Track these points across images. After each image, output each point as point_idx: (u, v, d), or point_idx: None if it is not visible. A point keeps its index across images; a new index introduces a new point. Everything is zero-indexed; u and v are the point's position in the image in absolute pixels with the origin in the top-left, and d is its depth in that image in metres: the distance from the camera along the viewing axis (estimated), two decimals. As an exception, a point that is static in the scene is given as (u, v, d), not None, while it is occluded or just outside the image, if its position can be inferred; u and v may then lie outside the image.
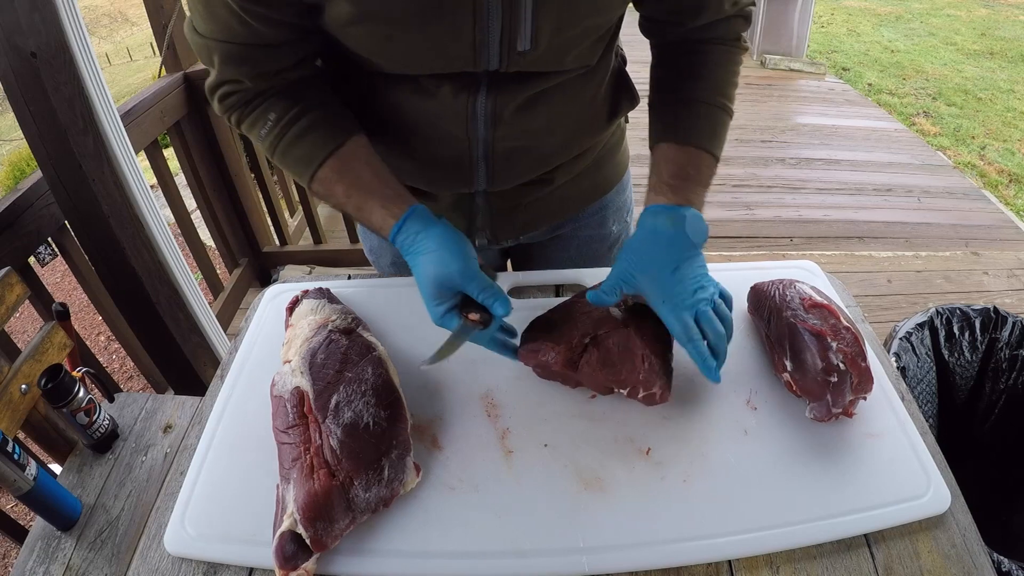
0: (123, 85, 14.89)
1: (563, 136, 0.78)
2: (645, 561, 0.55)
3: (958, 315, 1.45)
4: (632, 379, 0.64)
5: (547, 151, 0.79)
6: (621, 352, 0.65)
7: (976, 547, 0.57)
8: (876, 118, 4.55)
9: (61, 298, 3.19)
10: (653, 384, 0.64)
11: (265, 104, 0.68)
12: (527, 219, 0.88)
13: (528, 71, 0.67)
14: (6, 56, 1.20)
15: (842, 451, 0.63)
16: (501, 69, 0.65)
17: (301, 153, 0.68)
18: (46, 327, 1.11)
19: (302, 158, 0.68)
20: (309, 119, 0.68)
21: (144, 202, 1.48)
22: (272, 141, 0.68)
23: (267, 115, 0.68)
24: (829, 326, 0.65)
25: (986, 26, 7.53)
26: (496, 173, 0.77)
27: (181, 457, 0.66)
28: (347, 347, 0.68)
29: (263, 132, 0.68)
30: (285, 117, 0.68)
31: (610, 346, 0.65)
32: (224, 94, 0.68)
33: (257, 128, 0.69)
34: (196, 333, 1.70)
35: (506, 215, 0.85)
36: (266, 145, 0.69)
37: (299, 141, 0.68)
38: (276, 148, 0.69)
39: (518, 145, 0.75)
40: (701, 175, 0.71)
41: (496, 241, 0.89)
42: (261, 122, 0.68)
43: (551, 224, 0.92)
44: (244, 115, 0.69)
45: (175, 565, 0.57)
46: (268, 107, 0.68)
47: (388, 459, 0.59)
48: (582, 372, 0.66)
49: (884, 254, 2.65)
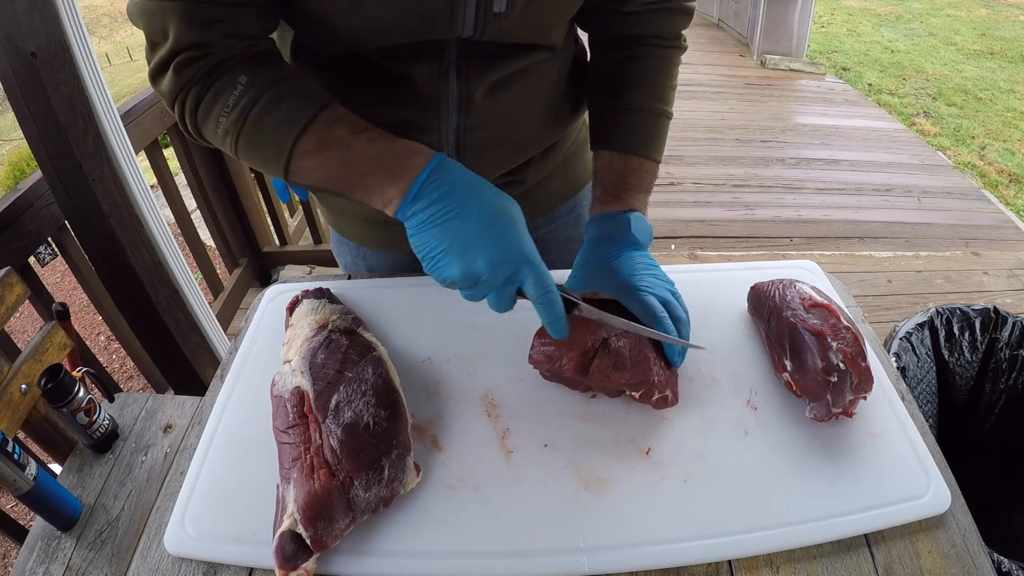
0: (123, 85, 14.89)
1: (532, 124, 0.78)
2: (645, 561, 0.55)
3: (958, 315, 1.45)
4: (647, 381, 0.63)
5: (517, 140, 0.78)
6: (634, 354, 0.64)
7: (976, 547, 0.57)
8: (876, 118, 4.55)
9: (61, 298, 3.19)
10: (666, 387, 0.64)
11: (233, 69, 0.58)
12: None
13: (500, 42, 0.66)
14: (6, 56, 1.20)
15: (842, 451, 0.62)
16: (475, 36, 0.63)
17: (283, 114, 0.58)
18: (46, 327, 1.11)
19: (285, 118, 0.58)
20: (288, 83, 0.59)
21: (144, 202, 1.48)
22: (245, 105, 0.57)
23: (237, 79, 0.58)
24: (829, 326, 0.65)
25: (986, 26, 7.53)
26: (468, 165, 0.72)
27: (181, 457, 0.66)
28: (347, 347, 0.68)
29: (232, 97, 0.57)
30: (260, 80, 0.58)
31: (622, 349, 0.65)
32: (183, 61, 0.57)
33: (224, 96, 0.58)
34: (196, 333, 1.70)
35: None
36: (235, 113, 0.58)
37: (279, 102, 0.58)
38: (249, 114, 0.57)
39: (489, 134, 0.74)
40: (643, 182, 0.74)
41: None
42: (230, 88, 0.58)
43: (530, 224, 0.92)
44: (207, 86, 0.58)
45: (175, 565, 0.57)
46: (237, 71, 0.58)
47: (388, 459, 0.59)
48: (593, 377, 0.65)
49: (884, 254, 2.65)
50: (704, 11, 7.06)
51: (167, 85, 0.59)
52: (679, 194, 3.37)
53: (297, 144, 0.58)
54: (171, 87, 0.59)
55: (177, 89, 0.59)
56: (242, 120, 0.58)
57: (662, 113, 0.76)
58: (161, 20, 0.56)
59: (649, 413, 0.66)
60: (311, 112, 0.58)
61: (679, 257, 2.73)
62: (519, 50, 0.69)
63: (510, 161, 0.80)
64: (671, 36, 0.75)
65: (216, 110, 0.58)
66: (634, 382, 0.63)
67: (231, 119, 0.58)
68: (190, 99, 0.59)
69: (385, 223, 0.85)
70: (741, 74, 5.31)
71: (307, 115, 0.58)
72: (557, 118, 0.81)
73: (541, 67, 0.73)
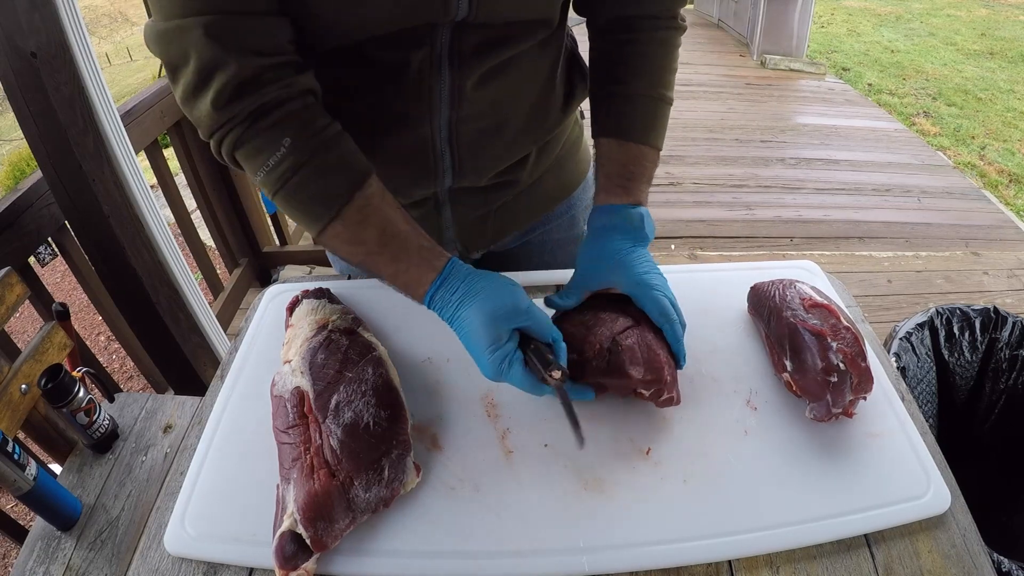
0: (123, 85, 14.89)
1: (524, 117, 0.78)
2: (645, 561, 0.55)
3: (958, 315, 1.45)
4: (660, 379, 0.63)
5: (510, 134, 0.77)
6: (644, 349, 0.64)
7: (976, 547, 0.57)
8: (876, 118, 4.55)
9: (61, 298, 3.19)
10: (675, 385, 0.64)
11: (278, 126, 0.58)
12: (498, 226, 0.88)
13: (495, 23, 0.66)
14: (6, 56, 1.20)
15: (842, 451, 0.63)
16: (470, 17, 0.63)
17: (320, 191, 0.60)
18: (46, 327, 1.11)
19: (322, 195, 0.60)
20: (328, 154, 0.60)
21: (144, 202, 1.48)
22: (285, 171, 0.59)
23: (281, 141, 0.58)
24: (829, 326, 0.65)
25: (986, 26, 7.53)
26: (462, 161, 0.75)
27: (181, 457, 0.66)
28: (347, 347, 0.68)
29: (274, 159, 0.58)
30: (302, 147, 0.58)
31: (632, 346, 0.64)
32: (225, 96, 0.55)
33: (266, 154, 0.59)
34: (196, 333, 1.70)
35: (476, 224, 0.85)
36: (275, 175, 0.59)
37: (318, 178, 0.60)
38: (288, 181, 0.59)
39: (481, 127, 0.74)
40: (645, 171, 0.74)
41: (468, 252, 0.89)
42: (272, 148, 0.58)
43: (523, 228, 0.92)
44: (248, 135, 0.58)
45: (175, 565, 0.57)
46: (281, 130, 0.58)
47: (388, 459, 0.59)
48: (611, 379, 0.64)
49: (884, 254, 2.65)
50: (704, 11, 7.06)
51: (205, 116, 0.58)
52: (679, 194, 3.37)
53: (328, 228, 0.62)
54: (210, 120, 0.58)
55: (216, 126, 0.58)
56: (281, 184, 0.60)
57: (662, 99, 0.75)
58: (181, 41, 0.55)
59: (649, 413, 0.66)
60: (345, 197, 0.61)
61: (679, 257, 2.73)
62: (511, 36, 0.68)
63: (504, 157, 0.79)
64: (668, 16, 0.74)
65: (257, 162, 0.59)
66: (649, 379, 0.63)
67: (271, 178, 0.59)
68: (228, 140, 0.59)
69: None
70: (741, 74, 5.31)
71: (341, 200, 0.61)
72: (548, 112, 0.81)
73: (532, 58, 0.73)
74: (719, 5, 6.70)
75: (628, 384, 0.64)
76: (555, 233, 0.95)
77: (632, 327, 0.66)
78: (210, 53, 0.54)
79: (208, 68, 0.55)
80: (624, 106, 0.75)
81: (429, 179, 0.77)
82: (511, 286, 0.62)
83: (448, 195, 0.81)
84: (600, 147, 0.76)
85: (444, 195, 0.81)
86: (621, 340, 0.65)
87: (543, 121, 0.81)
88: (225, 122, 0.57)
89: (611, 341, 0.65)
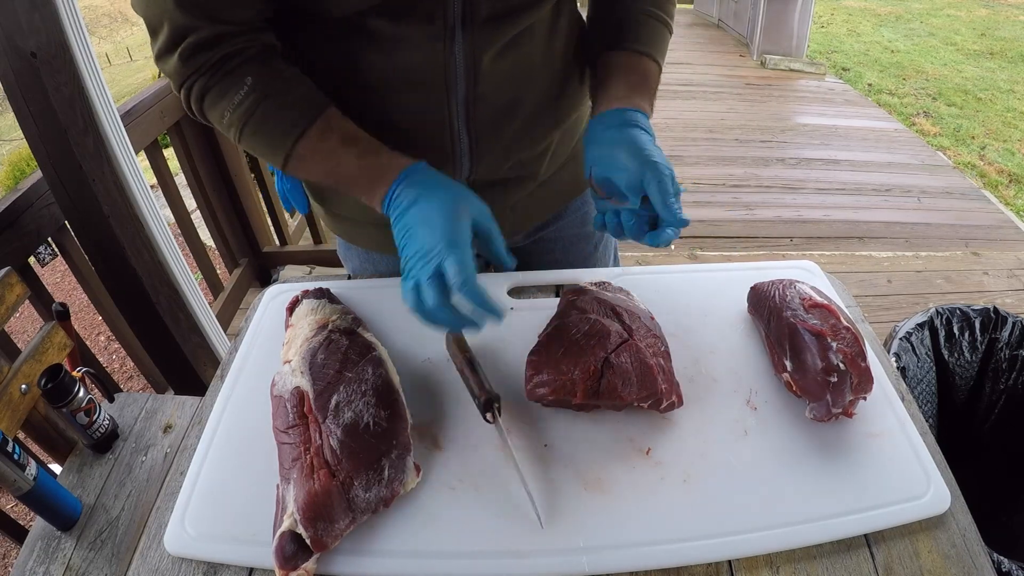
0: (123, 85, 14.89)
1: (541, 95, 0.77)
2: (645, 561, 0.55)
3: (958, 315, 1.45)
4: (655, 392, 0.62)
5: (528, 113, 0.76)
6: (637, 367, 0.63)
7: (976, 547, 0.57)
8: (876, 118, 4.55)
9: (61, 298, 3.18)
10: (672, 392, 0.64)
11: (240, 68, 0.63)
12: (515, 219, 0.87)
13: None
14: (6, 56, 1.20)
15: (842, 451, 0.63)
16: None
17: (281, 120, 0.64)
18: (46, 327, 1.11)
19: (282, 126, 0.64)
20: (289, 87, 0.65)
21: (144, 202, 1.48)
22: (249, 106, 0.63)
23: (243, 80, 0.63)
24: (829, 326, 0.65)
25: (986, 26, 7.53)
26: (480, 142, 0.74)
27: (181, 457, 0.66)
28: (347, 347, 0.68)
29: (238, 96, 0.63)
30: (263, 82, 0.63)
31: (624, 364, 0.63)
32: (189, 49, 0.61)
33: (230, 95, 0.63)
34: (196, 333, 1.70)
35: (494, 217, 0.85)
36: (240, 111, 0.63)
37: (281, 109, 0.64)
38: (252, 115, 0.63)
39: (499, 104, 0.73)
40: (650, 83, 0.73)
41: None
42: (236, 88, 0.63)
43: (538, 222, 0.91)
44: (213, 80, 0.63)
45: (175, 565, 0.57)
46: (243, 71, 0.63)
47: (388, 459, 0.59)
48: (603, 398, 0.64)
49: (884, 254, 2.65)
50: (704, 11, 7.05)
51: (173, 69, 0.63)
52: (679, 194, 3.37)
53: (294, 149, 0.65)
54: (177, 73, 0.63)
55: (183, 77, 0.63)
56: (246, 118, 0.64)
57: (664, 23, 0.75)
58: (157, 7, 0.60)
59: (649, 413, 0.66)
60: (307, 120, 0.64)
61: (679, 257, 2.73)
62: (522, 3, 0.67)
63: (522, 140, 0.78)
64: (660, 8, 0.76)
65: (222, 105, 0.64)
66: (643, 395, 0.63)
67: (236, 115, 0.64)
68: (196, 88, 0.63)
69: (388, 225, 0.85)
70: (741, 74, 5.31)
71: (303, 123, 0.64)
72: (565, 92, 0.80)
73: (545, 31, 0.72)
74: (719, 5, 6.70)
75: (624, 403, 0.64)
76: (566, 230, 0.94)
77: (624, 344, 0.65)
78: (182, 20, 0.60)
79: (179, 32, 0.61)
80: (629, 20, 0.74)
81: (447, 166, 0.75)
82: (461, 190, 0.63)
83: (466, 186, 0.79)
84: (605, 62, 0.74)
85: None
86: (612, 360, 0.64)
87: (560, 101, 0.80)
88: (192, 72, 0.62)
89: (602, 362, 0.64)
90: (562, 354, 0.65)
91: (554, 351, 0.66)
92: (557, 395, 0.63)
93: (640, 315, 0.71)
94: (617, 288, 0.77)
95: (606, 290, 0.76)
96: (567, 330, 0.68)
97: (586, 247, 0.97)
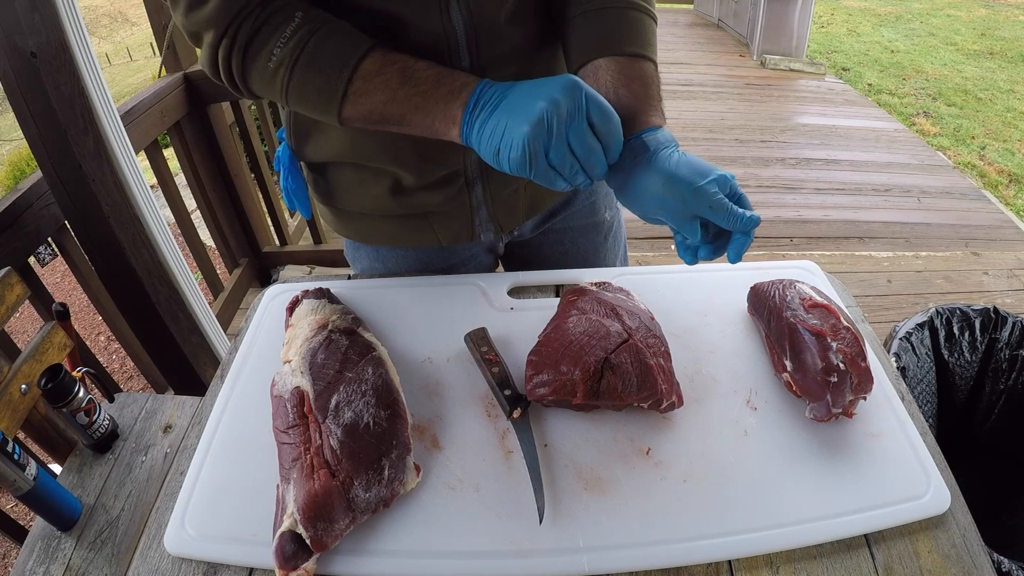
0: (123, 85, 14.89)
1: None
2: (645, 561, 0.55)
3: (958, 315, 1.45)
4: (655, 393, 0.62)
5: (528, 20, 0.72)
6: (637, 368, 0.63)
7: (976, 547, 0.57)
8: (876, 118, 4.55)
9: (61, 298, 3.19)
10: (672, 392, 0.64)
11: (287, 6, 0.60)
12: (529, 200, 0.86)
13: None
14: (6, 56, 1.20)
15: (842, 451, 0.63)
16: None
17: (340, 46, 0.60)
18: (46, 327, 1.11)
19: (342, 49, 0.60)
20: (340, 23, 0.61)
21: (144, 202, 1.48)
22: (303, 36, 0.59)
23: (293, 14, 0.59)
24: (829, 326, 0.65)
25: (986, 26, 7.53)
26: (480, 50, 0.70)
27: (181, 457, 0.66)
28: (347, 347, 0.68)
29: (289, 29, 0.59)
30: (316, 16, 0.60)
31: (624, 364, 0.63)
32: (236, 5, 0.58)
33: (280, 28, 0.59)
34: (196, 333, 1.70)
35: (510, 198, 0.83)
36: (292, 43, 0.59)
37: (334, 36, 0.60)
38: (307, 43, 0.59)
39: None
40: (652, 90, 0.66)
41: (503, 230, 0.87)
42: (286, 22, 0.59)
43: (554, 202, 0.90)
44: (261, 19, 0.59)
45: (175, 565, 0.57)
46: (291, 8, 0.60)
47: (388, 459, 0.59)
48: (603, 398, 0.64)
49: (884, 254, 2.65)
50: (704, 11, 7.05)
51: (210, 16, 0.59)
52: (679, 194, 3.36)
53: (360, 65, 0.59)
54: (217, 18, 0.59)
55: (226, 21, 0.59)
56: (300, 48, 0.59)
57: (649, 15, 0.68)
58: None
59: (649, 413, 0.66)
60: (369, 43, 0.60)
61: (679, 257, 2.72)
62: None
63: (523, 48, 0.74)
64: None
65: (271, 42, 0.59)
66: (643, 396, 0.63)
67: (287, 49, 0.59)
68: (244, 30, 0.59)
69: (405, 217, 0.84)
70: (741, 74, 5.31)
71: (366, 44, 0.60)
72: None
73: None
74: (719, 5, 6.70)
75: (624, 403, 0.64)
76: (576, 219, 0.94)
77: (624, 344, 0.65)
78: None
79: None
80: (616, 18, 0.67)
81: None
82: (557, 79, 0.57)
83: (479, 169, 0.78)
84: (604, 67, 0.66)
85: (474, 169, 0.78)
86: (612, 360, 0.64)
87: None
88: (238, 11, 0.59)
89: (602, 363, 0.64)
90: (562, 354, 0.65)
91: (554, 351, 0.66)
92: (557, 395, 0.63)
93: (640, 315, 0.71)
94: (617, 288, 0.77)
95: (606, 290, 0.76)
96: (567, 330, 0.68)
97: (596, 237, 0.97)
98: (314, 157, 0.81)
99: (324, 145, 0.78)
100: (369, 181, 0.80)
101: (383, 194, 0.80)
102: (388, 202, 0.79)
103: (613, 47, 0.66)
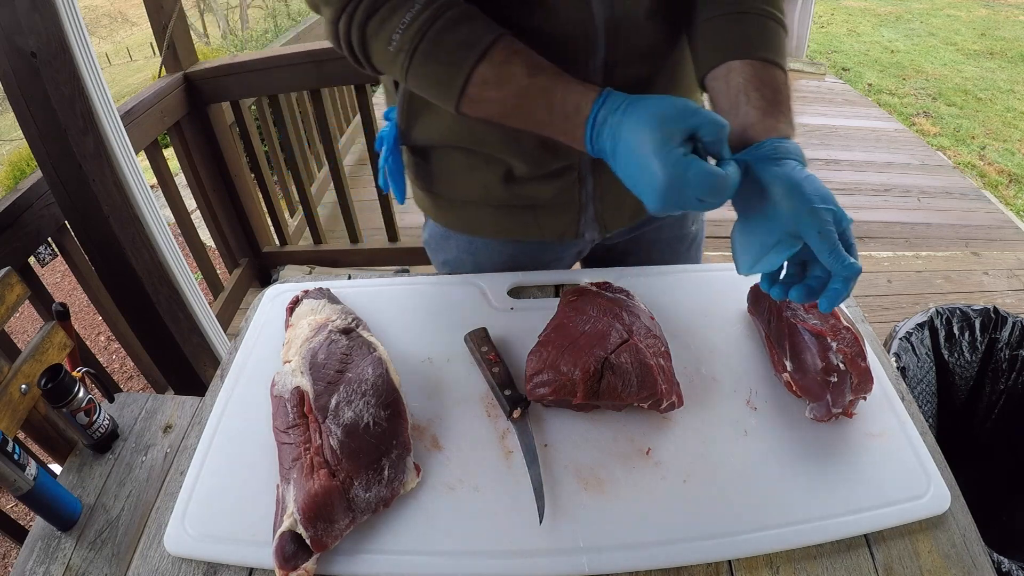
0: (123, 85, 14.87)
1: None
2: (645, 561, 0.55)
3: (958, 315, 1.45)
4: (655, 393, 0.62)
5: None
6: (637, 368, 0.63)
7: (976, 547, 0.57)
8: (876, 118, 4.55)
9: (61, 298, 3.19)
10: (672, 392, 0.64)
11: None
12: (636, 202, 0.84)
13: None
14: (6, 56, 1.20)
15: (842, 451, 0.63)
16: None
17: (462, 37, 0.58)
18: (46, 327, 1.11)
19: (465, 41, 0.58)
20: (464, 8, 0.59)
21: (144, 202, 1.48)
22: (424, 22, 0.58)
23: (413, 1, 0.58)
24: (829, 326, 0.65)
25: (986, 26, 7.53)
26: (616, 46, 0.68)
27: (181, 457, 0.66)
28: (347, 347, 0.68)
29: (410, 14, 0.58)
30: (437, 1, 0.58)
31: (624, 364, 0.63)
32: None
33: (401, 11, 0.58)
34: (196, 333, 1.70)
35: (619, 195, 0.79)
36: (412, 30, 0.58)
37: (458, 25, 0.59)
38: (427, 32, 0.58)
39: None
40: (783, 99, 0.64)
41: (607, 230, 0.85)
42: (407, 5, 0.58)
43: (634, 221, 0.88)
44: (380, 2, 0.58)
45: (175, 565, 0.57)
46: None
47: (388, 459, 0.59)
48: (603, 398, 0.64)
49: (884, 254, 2.65)
50: (704, 11, 7.03)
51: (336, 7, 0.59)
52: (679, 194, 3.36)
53: (476, 68, 0.59)
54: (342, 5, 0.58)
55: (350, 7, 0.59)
56: (419, 37, 0.58)
57: (779, 21, 0.67)
58: None
59: (649, 413, 0.66)
60: (490, 38, 0.58)
61: (679, 257, 2.72)
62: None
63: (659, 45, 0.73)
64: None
65: (391, 25, 0.59)
66: (643, 396, 0.63)
67: (407, 35, 0.58)
68: (362, 9, 0.59)
69: (511, 208, 0.81)
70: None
71: (486, 40, 0.58)
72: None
73: None
74: (719, 5, 6.69)
75: (624, 403, 0.64)
76: (666, 231, 0.93)
77: (624, 344, 0.65)
78: None
79: None
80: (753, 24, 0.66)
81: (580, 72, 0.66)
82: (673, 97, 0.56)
83: (591, 164, 0.77)
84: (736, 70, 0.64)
85: (587, 164, 0.77)
86: (612, 360, 0.64)
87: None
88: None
89: (602, 363, 0.64)
90: (562, 354, 0.65)
91: (554, 351, 0.66)
92: (557, 395, 0.63)
93: (640, 315, 0.71)
94: (617, 288, 0.77)
95: (606, 290, 0.76)
96: (567, 330, 0.68)
97: (680, 247, 0.96)
98: (423, 138, 0.78)
99: (438, 125, 0.75)
100: (480, 167, 0.78)
101: (494, 182, 0.78)
102: (498, 191, 0.77)
103: (748, 51, 0.65)
